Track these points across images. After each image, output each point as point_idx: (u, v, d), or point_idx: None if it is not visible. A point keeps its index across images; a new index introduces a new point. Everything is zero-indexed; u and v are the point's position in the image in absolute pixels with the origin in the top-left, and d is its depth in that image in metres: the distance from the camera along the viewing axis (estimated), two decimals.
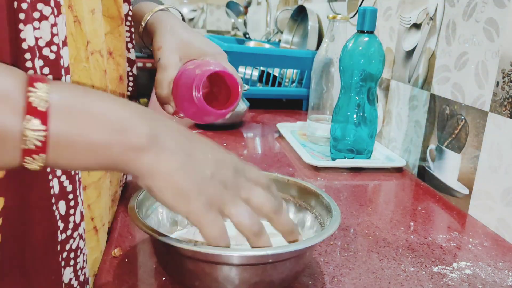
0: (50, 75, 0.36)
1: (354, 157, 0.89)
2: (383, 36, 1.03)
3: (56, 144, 0.31)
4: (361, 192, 0.78)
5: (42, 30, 0.35)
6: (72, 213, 0.41)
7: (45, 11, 0.35)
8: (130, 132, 0.34)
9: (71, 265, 0.42)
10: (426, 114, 0.85)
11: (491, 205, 0.66)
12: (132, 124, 0.34)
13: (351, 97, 0.86)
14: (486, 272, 0.55)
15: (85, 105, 0.33)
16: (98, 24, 0.46)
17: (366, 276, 0.52)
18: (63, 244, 0.40)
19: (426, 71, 0.85)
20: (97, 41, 0.46)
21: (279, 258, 0.43)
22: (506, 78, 0.64)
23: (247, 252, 0.42)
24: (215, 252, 0.40)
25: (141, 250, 0.54)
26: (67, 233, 0.41)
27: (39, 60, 0.35)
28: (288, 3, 1.97)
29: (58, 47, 0.36)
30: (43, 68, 0.36)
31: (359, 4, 1.17)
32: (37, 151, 0.31)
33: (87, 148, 0.33)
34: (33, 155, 0.31)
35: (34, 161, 0.31)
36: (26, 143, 0.30)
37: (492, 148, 0.66)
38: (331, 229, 0.46)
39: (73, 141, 0.32)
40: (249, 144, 1.02)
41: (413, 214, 0.70)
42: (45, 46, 0.36)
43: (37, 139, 0.30)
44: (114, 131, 0.34)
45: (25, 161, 0.31)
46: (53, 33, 0.36)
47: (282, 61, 1.32)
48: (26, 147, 0.30)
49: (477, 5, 0.71)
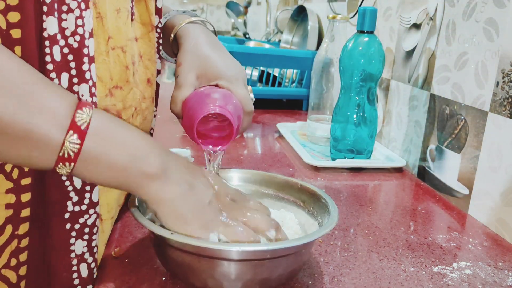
0: (73, 62, 0.41)
1: (354, 157, 0.89)
2: (383, 36, 1.03)
3: (85, 158, 0.38)
4: (361, 192, 0.78)
5: (68, 22, 0.40)
6: (88, 190, 0.44)
7: (72, 5, 0.40)
8: (146, 161, 0.41)
9: (85, 239, 0.44)
10: (426, 114, 0.85)
11: (491, 205, 0.67)
12: (148, 155, 0.42)
13: (351, 97, 0.86)
14: (486, 272, 0.55)
15: (115, 133, 0.40)
16: (123, 22, 0.50)
17: (366, 276, 0.52)
18: (76, 216, 0.43)
19: (426, 71, 0.85)
20: (119, 38, 0.49)
21: (276, 254, 0.44)
22: (506, 78, 0.64)
23: (245, 247, 0.43)
24: (210, 246, 0.42)
25: (141, 250, 0.54)
26: (82, 207, 0.43)
27: (65, 48, 0.40)
28: (288, 3, 1.98)
29: (82, 37, 0.41)
30: (68, 55, 0.40)
31: (359, 4, 1.17)
32: (69, 160, 0.37)
33: (108, 167, 0.39)
34: (66, 162, 0.37)
35: (64, 168, 0.38)
36: (63, 151, 0.37)
37: (492, 148, 0.66)
38: (327, 227, 0.47)
39: (98, 158, 0.39)
40: (249, 144, 1.02)
41: (413, 214, 0.70)
42: (70, 35, 0.40)
43: (72, 150, 0.37)
44: (133, 157, 0.41)
45: (57, 166, 0.37)
46: (77, 25, 0.40)
47: (282, 61, 1.32)
48: (62, 155, 0.37)
49: (477, 5, 0.71)
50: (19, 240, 0.42)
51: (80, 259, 0.44)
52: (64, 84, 0.40)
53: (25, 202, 0.42)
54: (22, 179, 0.41)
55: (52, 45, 0.39)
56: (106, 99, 0.48)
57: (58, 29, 0.39)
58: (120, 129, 0.41)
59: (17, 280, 0.43)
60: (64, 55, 0.40)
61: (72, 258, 0.44)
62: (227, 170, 0.61)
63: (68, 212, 0.42)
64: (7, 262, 0.42)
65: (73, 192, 0.42)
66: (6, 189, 0.41)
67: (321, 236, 0.46)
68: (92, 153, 0.38)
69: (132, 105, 0.52)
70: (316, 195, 0.55)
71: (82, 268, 0.45)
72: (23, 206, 0.42)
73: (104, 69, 0.47)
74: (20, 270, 0.43)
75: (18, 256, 0.43)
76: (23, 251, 0.43)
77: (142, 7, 0.55)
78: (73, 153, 0.37)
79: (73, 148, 0.37)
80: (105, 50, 0.47)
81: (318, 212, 0.54)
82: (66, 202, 0.42)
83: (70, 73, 0.40)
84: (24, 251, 0.43)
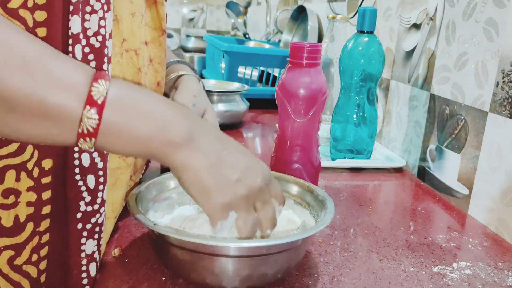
0: (94, 61, 0.41)
1: (354, 157, 0.89)
2: (383, 36, 1.03)
3: (106, 131, 0.37)
4: (361, 192, 0.78)
5: (92, 22, 0.41)
6: (101, 189, 0.44)
7: (95, 6, 0.41)
8: (171, 129, 0.40)
9: (95, 238, 0.44)
10: (426, 114, 0.85)
11: (491, 205, 0.67)
12: (173, 123, 0.40)
13: (351, 97, 0.86)
14: (486, 272, 0.55)
15: (136, 101, 0.39)
16: (137, 26, 0.51)
17: (366, 276, 0.52)
18: (88, 216, 0.43)
19: (426, 71, 0.85)
20: (133, 40, 0.50)
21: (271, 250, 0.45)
22: (506, 78, 0.64)
23: (241, 243, 0.43)
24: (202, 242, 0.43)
25: (141, 251, 0.54)
26: (94, 207, 0.43)
27: (86, 47, 0.41)
28: (288, 3, 1.98)
29: (104, 37, 0.42)
30: (89, 54, 0.41)
31: (359, 4, 1.17)
32: (89, 135, 0.36)
33: (131, 138, 0.38)
34: (86, 137, 0.36)
35: (86, 143, 0.37)
36: (81, 127, 0.36)
37: (492, 148, 0.66)
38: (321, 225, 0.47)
39: (120, 130, 0.37)
40: (249, 144, 1.02)
41: (413, 214, 0.70)
42: (92, 35, 0.41)
43: (91, 126, 0.36)
44: (157, 127, 0.39)
45: (79, 142, 0.37)
46: (100, 25, 0.41)
47: (282, 61, 1.32)
48: (81, 131, 0.36)
49: (477, 5, 0.71)
50: (40, 236, 0.43)
51: (90, 259, 0.44)
52: None
53: (45, 199, 0.42)
54: (43, 177, 0.41)
55: (74, 44, 0.39)
56: None
57: (81, 29, 0.40)
58: (142, 98, 0.39)
59: (37, 275, 0.43)
60: (85, 55, 0.40)
61: (82, 258, 0.44)
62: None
63: (80, 212, 0.43)
64: (29, 258, 0.42)
65: (86, 192, 0.42)
66: (27, 187, 0.41)
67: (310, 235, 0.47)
68: (112, 126, 0.37)
69: None
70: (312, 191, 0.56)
71: (91, 268, 0.45)
72: (44, 203, 0.42)
73: (118, 70, 0.48)
74: (41, 265, 0.43)
75: (39, 252, 0.43)
76: (44, 247, 0.43)
77: (153, 12, 0.56)
78: (92, 128, 0.36)
79: (92, 124, 0.36)
80: (119, 52, 0.48)
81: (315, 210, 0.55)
82: (79, 202, 0.42)
83: None
84: (45, 246, 0.43)
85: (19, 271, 0.42)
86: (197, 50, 2.32)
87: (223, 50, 1.32)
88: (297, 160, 0.69)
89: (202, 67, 1.75)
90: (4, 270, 0.42)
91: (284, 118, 0.68)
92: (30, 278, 0.43)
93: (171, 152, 0.40)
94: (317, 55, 0.66)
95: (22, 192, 0.41)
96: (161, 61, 0.58)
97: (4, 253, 0.41)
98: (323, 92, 0.67)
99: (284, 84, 0.67)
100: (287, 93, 0.66)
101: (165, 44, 0.58)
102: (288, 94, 0.66)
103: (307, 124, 0.67)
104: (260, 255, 0.44)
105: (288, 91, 0.66)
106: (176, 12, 2.90)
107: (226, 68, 1.32)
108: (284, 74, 0.68)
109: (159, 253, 0.49)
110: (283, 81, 0.67)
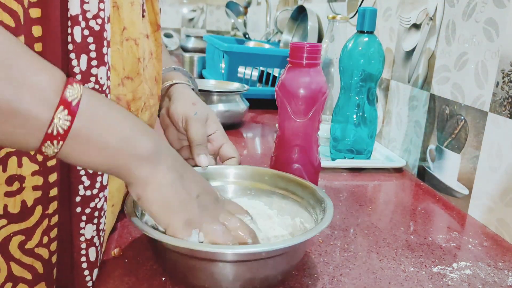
0: (93, 44, 0.40)
1: (354, 157, 0.89)
2: (383, 36, 1.03)
3: (75, 136, 0.36)
4: (361, 192, 0.78)
5: (91, 4, 0.40)
6: (100, 174, 0.43)
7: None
8: (138, 143, 0.40)
9: (95, 223, 0.44)
10: (426, 114, 0.85)
11: (491, 205, 0.67)
12: (140, 138, 0.41)
13: (351, 97, 0.86)
14: (486, 272, 0.55)
15: (107, 111, 0.39)
16: (136, 15, 0.50)
17: (366, 276, 0.52)
18: (88, 200, 0.43)
19: (426, 71, 0.85)
20: (133, 29, 0.50)
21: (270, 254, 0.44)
22: (505, 78, 0.64)
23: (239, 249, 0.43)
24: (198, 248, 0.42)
25: (141, 251, 0.54)
26: (93, 191, 0.43)
27: (86, 30, 0.40)
28: (288, 3, 1.98)
29: (103, 21, 0.41)
30: (88, 37, 0.40)
31: (359, 4, 1.17)
32: (58, 137, 0.35)
33: (98, 147, 0.38)
34: (54, 140, 0.35)
35: (51, 147, 0.36)
36: (52, 128, 0.35)
37: (492, 148, 0.66)
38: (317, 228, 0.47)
39: (89, 137, 0.37)
40: (249, 145, 1.02)
41: (413, 214, 0.70)
42: (91, 18, 0.40)
43: (61, 127, 0.35)
44: (126, 139, 0.39)
45: (43, 145, 0.35)
46: (100, 8, 0.41)
47: (282, 61, 1.32)
48: (50, 132, 0.35)
49: (476, 5, 0.71)
50: (49, 218, 0.43)
51: (90, 243, 0.44)
52: (83, 66, 0.40)
53: (52, 182, 0.42)
54: (48, 161, 0.41)
55: (73, 26, 0.39)
56: (119, 88, 0.48)
57: (80, 11, 0.39)
58: (112, 109, 0.40)
59: (49, 256, 0.44)
60: (84, 37, 0.40)
61: (82, 242, 0.44)
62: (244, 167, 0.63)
63: (79, 196, 0.42)
64: (40, 241, 0.43)
65: (85, 176, 0.42)
66: (32, 172, 0.41)
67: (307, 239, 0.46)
68: (82, 131, 0.36)
69: (142, 98, 0.53)
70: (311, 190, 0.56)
71: (91, 252, 0.45)
72: (51, 186, 0.42)
73: (118, 58, 0.47)
74: (51, 246, 0.44)
75: (49, 234, 0.43)
76: (53, 228, 0.43)
77: (149, 6, 0.56)
78: (62, 130, 0.35)
79: (63, 125, 0.35)
80: (120, 40, 0.47)
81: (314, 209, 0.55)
82: (78, 186, 0.42)
83: (89, 55, 0.40)
84: (54, 227, 0.43)
85: (31, 254, 0.42)
86: (197, 50, 2.32)
87: (223, 50, 1.32)
88: (297, 160, 0.69)
89: (202, 67, 1.75)
90: (16, 255, 0.42)
91: (284, 118, 0.68)
92: (42, 259, 0.43)
93: (136, 166, 0.40)
94: (317, 55, 0.66)
95: (27, 177, 0.41)
96: (157, 56, 0.58)
97: (14, 239, 0.41)
98: (323, 92, 0.67)
99: (284, 84, 0.67)
100: (287, 93, 0.66)
101: (160, 39, 0.58)
102: (288, 94, 0.66)
103: (307, 124, 0.67)
104: (254, 260, 0.44)
105: (288, 91, 0.66)
106: (176, 12, 2.90)
107: (226, 68, 1.32)
108: (284, 74, 0.68)
109: (156, 255, 0.49)
110: (283, 81, 0.67)
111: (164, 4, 2.80)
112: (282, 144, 0.69)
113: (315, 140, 0.70)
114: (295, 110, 0.66)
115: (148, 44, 0.56)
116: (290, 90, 0.66)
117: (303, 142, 0.68)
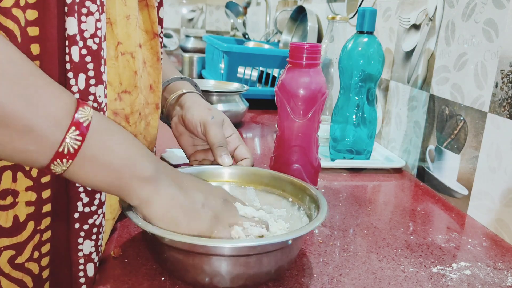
0: (91, 63, 0.41)
1: (354, 157, 0.89)
2: (383, 37, 1.03)
3: (84, 155, 0.38)
4: (361, 192, 0.78)
5: (88, 24, 0.41)
6: (99, 191, 0.44)
7: (91, 8, 0.41)
8: (140, 165, 0.42)
9: (93, 239, 0.45)
10: (425, 114, 0.85)
11: (490, 206, 0.67)
12: (142, 159, 0.43)
13: (350, 98, 0.86)
14: (485, 273, 0.55)
15: (113, 134, 0.41)
16: (133, 29, 0.51)
17: (365, 276, 0.52)
18: (86, 216, 0.44)
19: (426, 72, 0.85)
20: (129, 43, 0.50)
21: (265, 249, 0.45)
22: (505, 79, 0.64)
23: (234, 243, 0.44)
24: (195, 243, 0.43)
25: (141, 251, 0.54)
26: (92, 208, 0.44)
27: (83, 49, 0.41)
28: (288, 4, 1.98)
29: (101, 39, 0.42)
30: (86, 56, 0.41)
31: (359, 4, 1.17)
32: (68, 156, 0.37)
33: (104, 167, 0.40)
34: (64, 159, 0.37)
35: (60, 165, 0.37)
36: (63, 146, 0.37)
37: (491, 148, 0.67)
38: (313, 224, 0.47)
39: (96, 157, 0.39)
40: (249, 145, 1.02)
41: (412, 214, 0.70)
42: (89, 37, 0.41)
43: (72, 147, 0.37)
44: (129, 160, 0.41)
45: (53, 163, 0.37)
46: (97, 27, 0.41)
47: (282, 62, 1.32)
48: (61, 150, 0.37)
49: (476, 6, 0.71)
50: (41, 234, 0.43)
51: (88, 259, 0.45)
52: (81, 85, 0.41)
53: (46, 198, 0.42)
54: (42, 177, 0.42)
55: (71, 45, 0.40)
56: (115, 103, 0.49)
57: (78, 30, 0.40)
58: (117, 131, 0.42)
59: (39, 271, 0.44)
60: (82, 56, 0.41)
61: (80, 257, 0.44)
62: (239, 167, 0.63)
63: (78, 212, 0.43)
64: (30, 256, 0.43)
65: (84, 193, 0.43)
66: (26, 187, 0.41)
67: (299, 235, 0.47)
68: (91, 151, 0.38)
69: (138, 110, 0.53)
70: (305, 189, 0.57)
71: (89, 268, 0.45)
72: (44, 202, 0.43)
73: (114, 73, 0.48)
74: (42, 261, 0.44)
75: (40, 249, 0.43)
76: (45, 244, 0.44)
77: (145, 15, 0.56)
78: (73, 149, 0.37)
79: (74, 145, 0.37)
80: (114, 55, 0.48)
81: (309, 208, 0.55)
82: (77, 203, 0.43)
83: (87, 74, 0.41)
84: (46, 243, 0.44)
85: (21, 269, 0.43)
86: (196, 50, 2.32)
87: (223, 50, 1.32)
88: (296, 161, 0.69)
89: (201, 67, 1.75)
90: (5, 270, 0.42)
91: (283, 118, 0.68)
92: (32, 274, 0.43)
93: (138, 187, 0.42)
94: (317, 56, 0.66)
95: (20, 192, 0.41)
96: (152, 64, 0.58)
97: (4, 253, 0.42)
98: (323, 92, 0.67)
99: (283, 84, 0.67)
100: (286, 93, 0.66)
101: (157, 47, 0.58)
102: (287, 94, 0.66)
103: (307, 124, 0.67)
104: (247, 255, 0.45)
105: (287, 92, 0.66)
106: (176, 12, 2.89)
107: (225, 68, 1.32)
108: (283, 75, 0.68)
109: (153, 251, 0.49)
110: (283, 81, 0.67)
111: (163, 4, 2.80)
112: (282, 144, 0.69)
113: (314, 140, 0.70)
114: (295, 110, 0.66)
115: (142, 53, 0.56)
116: (290, 90, 0.66)
117: (302, 143, 0.68)
